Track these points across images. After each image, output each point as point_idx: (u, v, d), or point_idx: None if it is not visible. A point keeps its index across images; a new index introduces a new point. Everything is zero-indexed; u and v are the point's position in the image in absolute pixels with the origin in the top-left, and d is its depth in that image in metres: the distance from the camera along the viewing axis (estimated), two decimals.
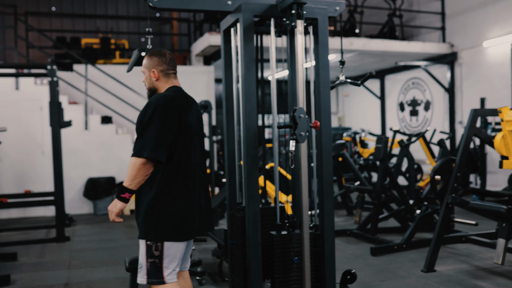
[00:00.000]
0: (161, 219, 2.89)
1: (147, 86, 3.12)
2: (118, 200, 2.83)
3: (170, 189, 2.91)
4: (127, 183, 2.80)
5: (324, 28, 3.68)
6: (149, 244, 2.90)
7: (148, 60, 3.09)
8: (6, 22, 13.81)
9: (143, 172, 2.78)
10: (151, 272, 2.91)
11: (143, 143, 2.78)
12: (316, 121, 3.31)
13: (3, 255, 5.97)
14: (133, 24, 15.09)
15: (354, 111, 16.06)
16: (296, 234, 3.58)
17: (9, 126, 8.20)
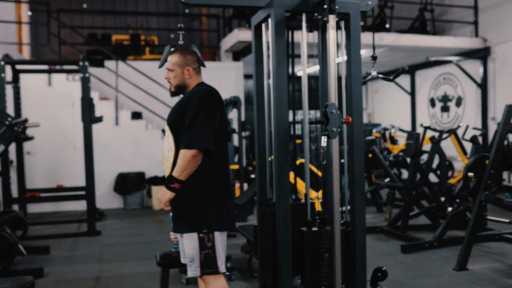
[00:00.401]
0: (209, 210, 2.95)
1: (176, 83, 3.14)
2: (168, 189, 2.89)
3: (214, 180, 2.98)
4: (177, 173, 2.86)
5: (357, 23, 3.64)
6: (202, 236, 2.94)
7: (181, 58, 3.12)
8: (39, 19, 14.08)
9: (193, 164, 2.85)
10: (205, 263, 2.95)
11: (193, 135, 2.84)
12: (348, 116, 3.28)
13: (36, 248, 6.08)
14: (163, 21, 15.21)
15: (383, 107, 15.89)
16: (327, 231, 3.56)
17: (42, 122, 8.34)
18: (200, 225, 2.94)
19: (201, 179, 2.96)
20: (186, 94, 3.06)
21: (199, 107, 2.89)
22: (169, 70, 3.16)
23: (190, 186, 2.95)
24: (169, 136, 3.05)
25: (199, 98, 2.91)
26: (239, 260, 5.48)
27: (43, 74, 9.24)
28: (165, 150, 3.09)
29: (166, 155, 3.08)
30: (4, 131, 5.18)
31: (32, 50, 14.38)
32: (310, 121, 3.24)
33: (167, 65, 3.17)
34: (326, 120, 3.15)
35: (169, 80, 3.16)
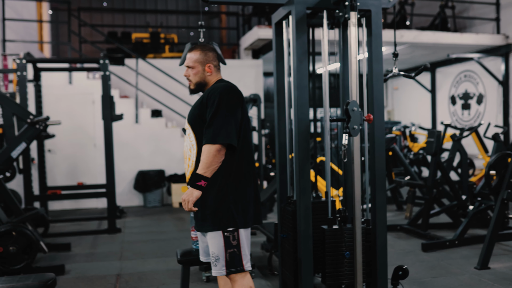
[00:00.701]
0: (234, 207, 2.92)
1: (197, 80, 3.11)
2: (194, 188, 2.84)
3: (237, 176, 2.96)
4: (202, 170, 2.82)
5: (378, 19, 3.61)
6: (227, 235, 2.91)
7: (202, 55, 3.09)
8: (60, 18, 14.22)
9: (217, 159, 2.83)
10: (230, 262, 2.92)
11: (215, 130, 2.83)
12: (369, 114, 3.26)
13: (58, 246, 6.14)
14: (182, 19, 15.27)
15: (403, 105, 15.75)
16: (348, 229, 3.54)
17: (63, 120, 8.43)
18: (224, 224, 2.91)
19: (224, 176, 2.93)
20: (206, 91, 3.04)
21: (220, 102, 2.87)
22: (188, 68, 3.12)
23: (213, 184, 2.92)
24: (190, 134, 3.02)
25: (220, 94, 2.89)
26: (259, 258, 5.48)
27: (64, 72, 9.33)
28: (186, 149, 3.06)
29: (188, 154, 3.04)
30: (26, 129, 5.24)
31: (53, 49, 14.54)
32: (331, 119, 3.22)
33: (187, 62, 3.13)
34: (348, 117, 3.13)
35: (189, 77, 3.13)
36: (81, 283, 4.85)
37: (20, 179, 7.92)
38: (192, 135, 3.01)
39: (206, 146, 2.83)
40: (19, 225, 4.95)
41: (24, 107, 6.53)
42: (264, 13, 11.60)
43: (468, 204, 6.55)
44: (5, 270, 4.79)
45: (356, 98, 3.29)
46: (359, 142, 3.36)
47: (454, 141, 7.14)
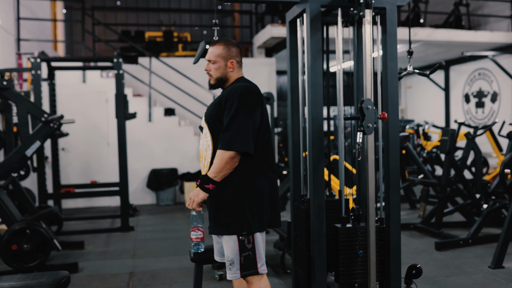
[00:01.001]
0: (249, 212, 2.86)
1: (218, 75, 3.01)
2: (201, 190, 2.81)
3: (253, 179, 2.88)
4: (213, 174, 2.78)
5: (393, 17, 3.59)
6: (242, 239, 2.86)
7: (226, 50, 3.00)
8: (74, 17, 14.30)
9: (230, 166, 2.78)
10: (245, 265, 2.88)
11: (231, 136, 2.75)
12: (383, 112, 3.23)
13: (71, 243, 6.17)
14: (195, 17, 15.29)
15: (417, 103, 15.65)
16: (361, 227, 3.52)
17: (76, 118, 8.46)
18: (239, 228, 2.86)
19: (239, 180, 2.87)
20: (225, 90, 2.95)
21: (240, 106, 2.79)
22: (210, 62, 3.02)
23: (228, 187, 2.87)
24: (206, 134, 2.94)
25: (239, 96, 2.81)
26: (272, 257, 5.47)
27: (77, 71, 9.38)
28: (202, 148, 3.00)
29: (203, 154, 2.98)
30: (40, 128, 5.27)
31: (67, 48, 14.63)
32: (346, 117, 3.21)
33: (208, 56, 3.03)
34: (362, 115, 3.11)
35: (209, 72, 3.03)
36: (94, 281, 4.87)
37: (34, 177, 7.99)
38: (209, 135, 2.93)
39: (220, 151, 2.77)
40: (33, 223, 4.99)
41: (38, 105, 6.58)
42: (277, 12, 11.58)
43: (482, 202, 6.50)
44: (19, 268, 4.82)
45: (370, 96, 3.27)
46: (373, 140, 3.34)
47: (468, 140, 7.08)
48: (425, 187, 6.70)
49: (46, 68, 7.65)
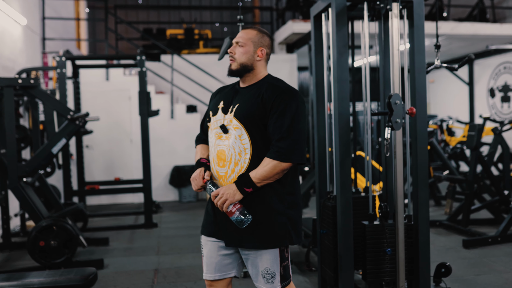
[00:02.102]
0: (290, 222, 2.61)
1: (243, 61, 2.63)
2: (239, 191, 2.50)
3: (293, 189, 2.64)
4: (258, 180, 2.49)
5: (420, 10, 3.53)
6: (282, 249, 2.61)
7: (258, 36, 2.66)
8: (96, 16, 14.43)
9: (278, 176, 2.52)
10: (283, 275, 2.62)
11: (290, 146, 2.49)
12: (411, 107, 3.18)
13: (96, 240, 6.22)
14: (216, 14, 15.30)
15: (440, 98, 15.45)
16: (389, 225, 3.47)
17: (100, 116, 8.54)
18: (282, 240, 2.58)
19: (280, 190, 2.59)
20: (266, 89, 2.59)
21: (297, 113, 2.52)
22: (237, 44, 2.66)
23: (271, 194, 2.57)
24: (242, 136, 2.56)
25: (296, 101, 2.54)
26: (296, 254, 5.45)
27: (101, 69, 9.45)
28: (230, 150, 2.59)
29: (233, 158, 2.59)
30: (66, 125, 5.31)
31: (90, 46, 14.76)
32: (373, 113, 3.16)
33: (237, 38, 2.68)
34: (390, 111, 3.06)
35: (234, 55, 2.65)
36: (120, 277, 4.90)
37: (59, 174, 8.07)
38: (247, 137, 2.56)
39: (274, 162, 2.48)
40: (60, 219, 5.03)
41: (64, 103, 6.63)
42: (298, 7, 11.52)
43: (510, 199, 6.37)
44: (46, 264, 4.87)
45: (398, 91, 3.22)
46: (401, 136, 3.29)
47: (495, 135, 6.96)
48: (451, 184, 6.60)
49: (71, 67, 7.72)
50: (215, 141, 2.65)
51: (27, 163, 5.27)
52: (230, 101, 2.66)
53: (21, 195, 5.07)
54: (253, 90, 2.62)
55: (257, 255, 2.59)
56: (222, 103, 2.68)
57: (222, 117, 2.64)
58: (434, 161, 9.34)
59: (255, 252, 2.59)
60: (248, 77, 2.67)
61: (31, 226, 6.53)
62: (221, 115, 2.65)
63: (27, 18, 8.16)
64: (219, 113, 2.66)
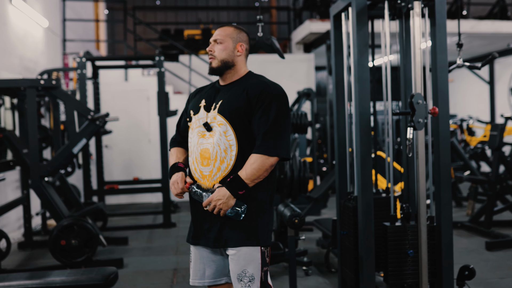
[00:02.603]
0: (271, 221, 2.61)
1: (223, 57, 2.60)
2: (233, 196, 2.45)
3: (273, 186, 2.64)
4: (249, 180, 2.45)
5: (442, 9, 3.48)
6: (263, 250, 2.54)
7: (236, 33, 2.65)
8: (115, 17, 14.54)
9: (267, 173, 2.50)
10: (264, 282, 2.54)
11: (277, 141, 2.47)
12: (434, 107, 3.14)
13: (116, 239, 6.26)
14: (233, 15, 15.32)
15: (459, 97, 15.28)
16: (412, 226, 3.43)
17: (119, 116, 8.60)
18: (264, 239, 2.54)
19: (267, 187, 2.58)
20: (251, 84, 2.57)
21: (281, 107, 2.51)
22: (215, 42, 2.63)
23: (259, 190, 2.54)
24: (227, 132, 2.51)
25: (280, 96, 2.53)
26: (315, 255, 5.42)
27: (120, 69, 9.51)
28: (213, 148, 2.53)
29: (219, 155, 2.52)
30: (86, 126, 5.35)
31: (109, 47, 14.87)
32: (395, 112, 3.13)
33: (215, 36, 2.65)
34: (412, 110, 3.03)
35: (213, 53, 2.62)
36: (139, 277, 4.93)
37: (79, 174, 8.13)
38: (232, 133, 2.51)
39: (261, 157, 2.45)
40: (81, 219, 5.07)
41: (83, 104, 6.69)
42: (315, 7, 11.47)
43: None
44: (67, 263, 4.91)
45: (420, 91, 3.18)
46: (423, 136, 3.25)
47: None
48: (473, 185, 6.51)
49: (91, 67, 7.78)
50: (198, 140, 2.59)
51: (48, 163, 5.32)
52: (212, 99, 2.62)
53: (43, 194, 5.11)
54: (237, 86, 2.60)
55: (239, 254, 2.52)
56: (203, 101, 2.63)
57: (205, 115, 2.59)
58: (454, 162, 9.24)
59: (237, 250, 2.52)
60: (229, 74, 2.65)
61: (52, 225, 6.60)
62: (203, 113, 2.60)
63: (49, 20, 8.25)
64: (201, 112, 2.61)
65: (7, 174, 5.75)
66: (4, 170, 5.56)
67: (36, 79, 5.15)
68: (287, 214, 3.82)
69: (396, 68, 3.95)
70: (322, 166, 9.35)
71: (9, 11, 6.63)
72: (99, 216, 6.87)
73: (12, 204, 5.74)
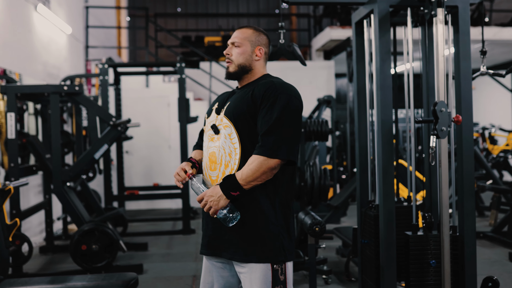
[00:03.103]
0: (285, 235, 2.38)
1: (241, 61, 2.48)
2: (225, 196, 2.29)
3: (287, 197, 2.42)
4: (244, 181, 2.27)
5: (466, 16, 3.45)
6: (276, 268, 2.33)
7: (255, 36, 2.51)
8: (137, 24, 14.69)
9: (266, 176, 2.29)
10: None
11: (277, 141, 2.28)
12: (457, 115, 3.10)
13: (136, 245, 6.28)
14: (253, 21, 15.37)
15: (481, 105, 15.11)
16: (434, 236, 3.39)
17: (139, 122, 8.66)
18: (275, 254, 2.33)
19: (274, 193, 2.37)
20: (257, 85, 2.42)
21: (285, 106, 2.32)
22: (233, 45, 2.51)
23: (262, 199, 2.35)
24: (232, 134, 2.38)
25: (284, 94, 2.34)
26: (335, 263, 5.38)
27: (141, 76, 9.59)
28: (219, 152, 2.42)
29: (224, 159, 2.40)
30: (108, 131, 5.40)
31: (130, 54, 15.03)
32: (418, 120, 3.09)
33: (233, 38, 2.53)
34: (435, 118, 3.00)
35: (230, 57, 2.50)
36: (159, 283, 4.93)
37: (100, 179, 8.20)
38: (236, 136, 2.37)
39: (260, 158, 2.26)
40: (101, 224, 5.11)
41: (105, 110, 6.75)
42: (336, 14, 11.47)
43: None
44: (87, 268, 4.94)
45: (444, 98, 3.15)
46: (446, 145, 3.22)
47: None
48: (496, 194, 6.42)
49: (113, 74, 7.87)
50: (208, 143, 2.49)
51: (70, 168, 5.38)
52: (224, 102, 2.51)
53: (65, 199, 5.16)
54: (247, 88, 2.47)
55: (245, 273, 2.36)
56: (217, 104, 2.54)
57: (215, 117, 2.49)
58: (476, 170, 9.12)
59: (246, 267, 2.35)
60: (246, 78, 2.52)
61: (73, 230, 6.65)
62: (214, 116, 2.50)
63: (72, 27, 8.37)
64: (213, 114, 2.52)
65: (30, 179, 5.82)
66: (27, 175, 5.62)
67: (59, 85, 5.22)
68: (307, 222, 3.80)
69: (418, 75, 3.92)
70: (342, 174, 9.30)
71: (34, 18, 6.74)
72: (119, 222, 6.91)
73: (35, 208, 5.81)
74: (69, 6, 8.52)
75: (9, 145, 5.11)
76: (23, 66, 6.38)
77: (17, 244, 4.95)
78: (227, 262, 2.47)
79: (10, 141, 5.08)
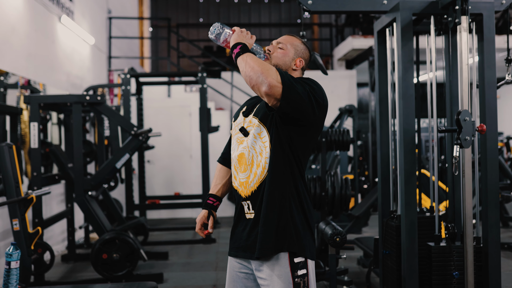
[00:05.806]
0: (309, 237, 2.33)
1: (277, 62, 2.42)
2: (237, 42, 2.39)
3: (300, 194, 2.33)
4: (245, 55, 2.30)
5: (490, 23, 3.41)
6: (296, 262, 2.26)
7: (301, 47, 2.48)
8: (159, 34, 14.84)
9: (257, 77, 2.17)
10: None
11: (285, 75, 2.22)
12: (481, 124, 3.05)
13: (156, 254, 6.29)
14: (275, 31, 15.41)
15: (506, 115, 14.88)
16: (457, 247, 3.33)
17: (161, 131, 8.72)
18: (290, 245, 2.26)
19: (286, 191, 2.29)
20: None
21: (306, 80, 2.31)
22: (278, 44, 2.46)
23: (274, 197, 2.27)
24: (262, 132, 2.30)
25: (307, 78, 2.32)
26: (356, 274, 5.32)
27: (163, 86, 9.66)
28: (249, 152, 2.34)
29: (255, 159, 2.32)
30: (130, 141, 5.43)
31: (152, 64, 15.17)
32: (441, 130, 3.05)
33: (279, 39, 2.49)
34: (459, 128, 2.95)
35: (271, 54, 2.45)
36: None
37: (121, 188, 8.25)
38: (266, 134, 2.30)
39: (266, 65, 2.21)
40: (122, 233, 5.13)
41: (127, 119, 6.81)
42: (358, 23, 11.43)
43: None
44: (108, 276, 4.96)
45: (468, 107, 3.10)
46: (470, 154, 3.16)
47: None
48: None
49: (135, 84, 7.94)
50: (237, 147, 2.39)
51: (92, 177, 5.42)
52: (253, 105, 2.44)
53: (86, 208, 5.20)
54: None
55: (263, 270, 2.27)
56: (245, 108, 2.47)
57: (243, 120, 2.41)
58: (500, 180, 8.96)
59: (259, 268, 2.28)
60: None
61: (95, 239, 6.70)
62: (241, 119, 2.43)
63: (95, 38, 8.48)
64: (240, 117, 2.45)
65: (53, 188, 5.88)
66: (49, 184, 5.68)
67: (82, 95, 5.28)
68: (328, 232, 3.76)
69: (440, 84, 3.87)
70: (363, 184, 9.21)
71: (58, 29, 6.85)
72: (140, 231, 6.93)
73: (57, 217, 5.86)
74: (92, 17, 8.65)
75: (32, 154, 5.17)
76: (47, 76, 6.48)
77: (39, 252, 4.99)
78: (251, 272, 2.38)
79: (33, 150, 5.15)
